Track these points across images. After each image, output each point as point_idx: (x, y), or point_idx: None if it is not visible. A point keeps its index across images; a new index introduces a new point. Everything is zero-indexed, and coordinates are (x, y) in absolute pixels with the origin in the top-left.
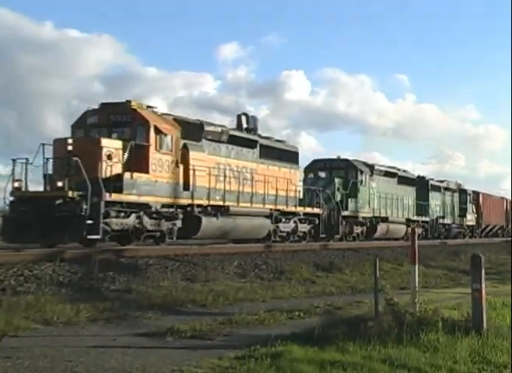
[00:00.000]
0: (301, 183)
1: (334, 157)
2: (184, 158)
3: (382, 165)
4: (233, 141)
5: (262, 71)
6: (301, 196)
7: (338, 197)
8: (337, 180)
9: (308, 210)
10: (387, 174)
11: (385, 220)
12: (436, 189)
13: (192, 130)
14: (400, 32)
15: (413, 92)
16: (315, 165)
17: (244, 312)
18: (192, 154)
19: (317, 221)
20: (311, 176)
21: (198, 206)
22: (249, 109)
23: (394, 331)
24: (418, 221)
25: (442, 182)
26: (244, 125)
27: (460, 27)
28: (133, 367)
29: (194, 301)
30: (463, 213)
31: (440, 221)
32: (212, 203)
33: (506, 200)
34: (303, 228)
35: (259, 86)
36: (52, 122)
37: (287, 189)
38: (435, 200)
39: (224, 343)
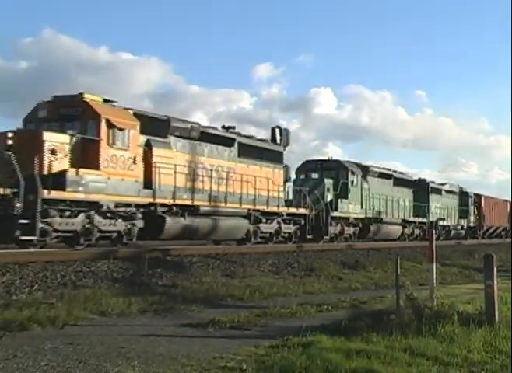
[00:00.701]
0: (290, 184)
1: (326, 158)
2: (145, 155)
3: (377, 167)
4: (206, 138)
5: (293, 88)
6: (290, 197)
7: (329, 198)
8: (327, 181)
9: (292, 210)
10: (382, 175)
11: (379, 221)
12: (437, 191)
13: (157, 126)
14: (419, 51)
15: (430, 107)
16: (306, 166)
17: (278, 306)
18: (156, 151)
19: (303, 222)
20: (303, 176)
21: (163, 205)
22: (281, 122)
23: (413, 323)
24: (415, 222)
25: (443, 184)
26: (278, 137)
27: (474, 51)
28: (179, 354)
29: (233, 295)
30: (465, 215)
31: (440, 222)
32: (178, 202)
33: (511, 203)
34: (288, 228)
35: (290, 102)
36: None
37: (269, 189)
38: (435, 202)
39: (260, 333)
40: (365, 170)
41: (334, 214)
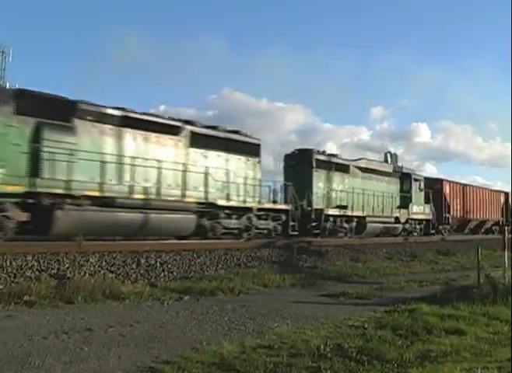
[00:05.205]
0: None
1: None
2: None
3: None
4: None
5: (398, 123)
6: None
7: None
8: None
9: None
10: (127, 123)
11: (109, 203)
12: (336, 167)
13: None
14: (493, 93)
15: (500, 135)
16: None
17: (390, 282)
18: None
19: None
20: None
21: None
22: (391, 149)
23: (490, 295)
24: (250, 209)
25: (358, 160)
26: (389, 159)
27: None
28: (319, 315)
29: (357, 274)
30: (405, 204)
31: (331, 211)
32: None
33: (506, 194)
34: None
35: (397, 134)
36: (265, 159)
37: None
38: (333, 183)
39: (377, 302)
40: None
41: None
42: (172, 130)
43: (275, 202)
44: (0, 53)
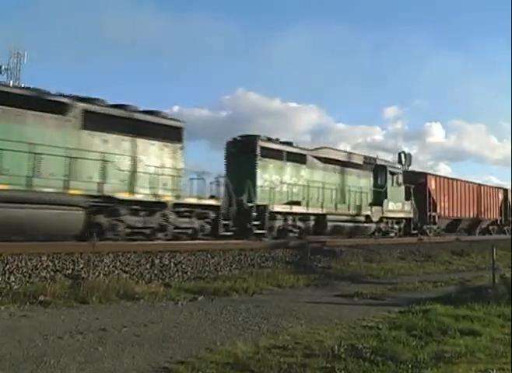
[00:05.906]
0: None
1: None
2: None
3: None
4: None
5: (412, 123)
6: None
7: None
8: None
9: None
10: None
11: None
12: (286, 157)
13: None
14: (502, 90)
15: None
16: None
17: (404, 282)
18: None
19: None
20: None
21: None
22: (404, 149)
23: (505, 296)
24: (161, 203)
25: (315, 149)
26: (403, 159)
27: None
28: (333, 316)
29: (371, 275)
30: (379, 200)
31: (279, 208)
32: None
33: (505, 191)
34: None
35: (410, 133)
36: None
37: None
38: (283, 175)
39: (391, 302)
40: None
41: None
42: (56, 108)
43: (212, 197)
44: (15, 54)
